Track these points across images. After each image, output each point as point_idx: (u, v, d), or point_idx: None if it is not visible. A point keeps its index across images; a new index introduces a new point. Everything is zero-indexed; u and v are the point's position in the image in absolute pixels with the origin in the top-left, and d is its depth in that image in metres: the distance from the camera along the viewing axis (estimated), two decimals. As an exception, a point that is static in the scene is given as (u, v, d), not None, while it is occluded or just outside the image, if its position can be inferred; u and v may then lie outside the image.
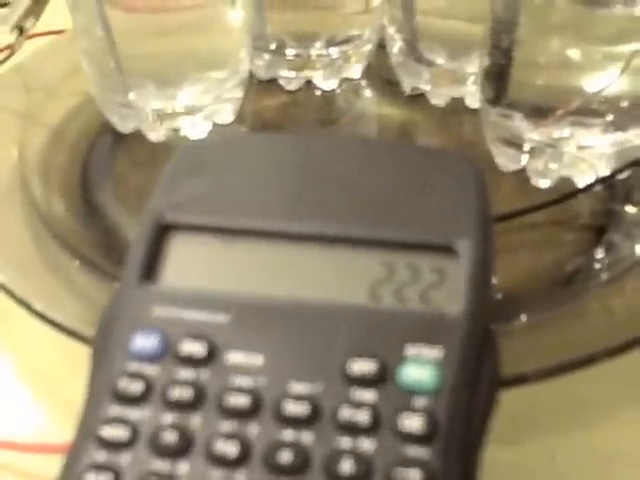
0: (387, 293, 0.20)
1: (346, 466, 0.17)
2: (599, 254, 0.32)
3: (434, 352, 0.18)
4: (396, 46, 0.40)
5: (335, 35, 0.40)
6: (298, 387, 0.18)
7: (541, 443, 0.26)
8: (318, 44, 0.41)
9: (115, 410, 0.18)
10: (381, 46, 0.41)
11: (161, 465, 0.18)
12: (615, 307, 0.29)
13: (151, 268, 0.20)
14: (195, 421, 0.18)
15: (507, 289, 0.30)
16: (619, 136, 0.34)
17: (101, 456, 0.18)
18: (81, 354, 0.21)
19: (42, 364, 0.29)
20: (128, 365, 0.19)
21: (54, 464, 0.18)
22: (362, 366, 0.18)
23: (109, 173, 0.36)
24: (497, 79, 0.34)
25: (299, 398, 0.18)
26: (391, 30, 0.39)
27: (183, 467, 0.18)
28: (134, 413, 0.18)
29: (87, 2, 0.34)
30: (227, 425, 0.18)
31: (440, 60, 0.39)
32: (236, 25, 0.37)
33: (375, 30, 0.41)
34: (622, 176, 0.34)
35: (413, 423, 0.18)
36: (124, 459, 0.18)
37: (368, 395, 0.18)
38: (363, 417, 0.18)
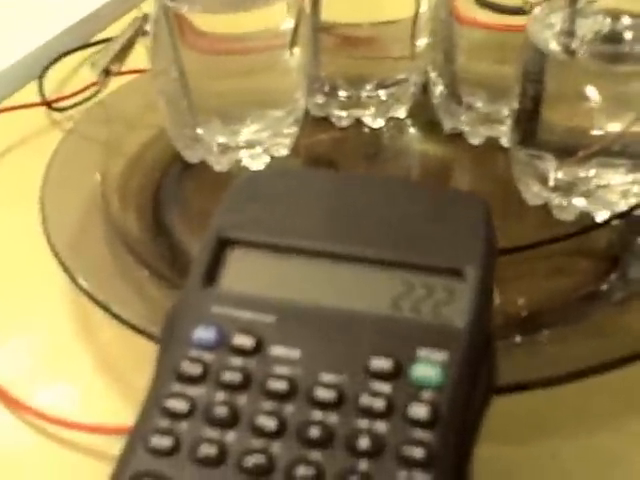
0: (405, 306, 0.24)
1: (364, 443, 0.21)
2: (613, 280, 0.35)
3: (441, 355, 0.22)
4: (438, 89, 0.44)
5: (384, 78, 0.45)
6: (328, 377, 0.22)
7: (546, 444, 0.29)
8: (368, 86, 0.45)
9: (177, 387, 0.23)
10: (425, 88, 0.45)
11: (213, 434, 0.22)
12: (624, 325, 0.32)
13: (212, 274, 0.25)
14: (242, 400, 0.22)
15: (530, 307, 0.34)
16: (639, 175, 0.37)
17: (164, 423, 0.22)
18: (146, 350, 0.25)
19: (115, 358, 0.34)
20: (189, 352, 0.23)
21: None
22: (381, 363, 0.22)
23: (177, 197, 0.41)
24: (525, 123, 0.38)
25: (328, 386, 0.22)
26: (433, 75, 0.44)
27: (230, 436, 0.22)
28: (193, 390, 0.23)
29: (165, 48, 0.39)
30: (268, 405, 0.22)
31: (478, 103, 0.43)
32: (294, 68, 0.41)
33: (420, 74, 0.45)
34: (638, 212, 0.37)
35: (420, 411, 0.21)
36: (183, 427, 0.22)
37: (384, 387, 0.22)
38: (379, 404, 0.22)
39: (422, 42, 0.44)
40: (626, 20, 0.36)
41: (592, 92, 0.36)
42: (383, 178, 0.29)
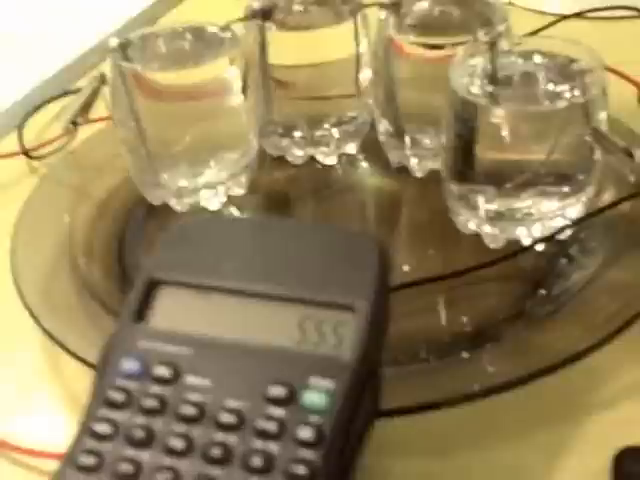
0: (302, 338, 0.27)
1: (256, 461, 0.24)
2: (537, 299, 0.38)
3: (328, 384, 0.25)
4: (382, 127, 0.46)
5: (337, 117, 0.48)
6: (231, 403, 0.25)
7: (459, 457, 0.32)
8: (325, 125, 0.48)
9: (104, 412, 0.26)
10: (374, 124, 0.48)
11: (131, 453, 0.25)
12: (539, 342, 0.35)
13: (141, 311, 0.28)
14: (158, 423, 0.26)
15: (468, 326, 0.37)
16: (566, 202, 0.40)
17: (91, 444, 0.25)
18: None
19: (79, 395, 0.36)
20: (116, 380, 0.27)
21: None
22: (277, 390, 0.25)
23: (141, 239, 0.44)
24: (456, 159, 0.40)
25: (231, 411, 0.25)
26: (377, 113, 0.46)
27: (146, 455, 0.25)
28: (117, 415, 0.26)
29: (121, 100, 0.43)
30: (179, 427, 0.25)
31: (421, 137, 0.45)
32: (245, 112, 0.44)
33: (368, 111, 0.48)
34: (561, 236, 0.40)
35: (306, 433, 0.24)
36: (106, 447, 0.25)
37: (278, 411, 0.25)
38: (272, 427, 0.25)
39: (366, 78, 0.46)
40: (537, 59, 0.39)
41: (514, 129, 0.38)
42: (295, 223, 0.32)
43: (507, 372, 0.33)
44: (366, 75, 0.47)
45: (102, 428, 0.26)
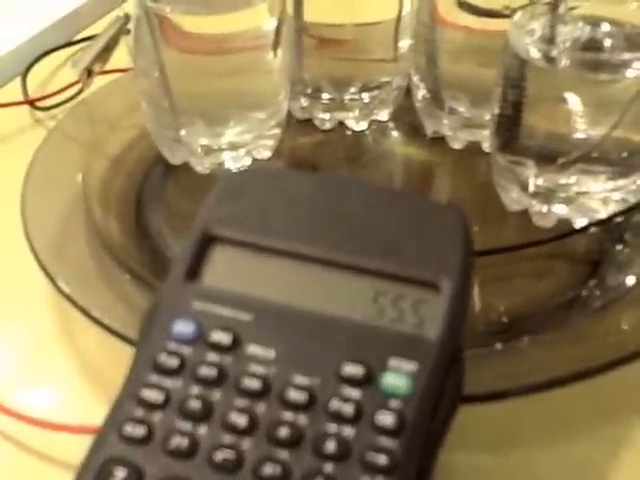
0: (380, 314, 0.24)
1: (330, 446, 0.22)
2: (592, 286, 0.35)
3: (410, 366, 0.23)
4: (420, 93, 0.44)
5: (367, 81, 0.45)
6: (300, 379, 0.23)
7: (520, 452, 0.29)
8: (352, 89, 0.45)
9: (154, 378, 0.23)
10: (408, 91, 0.45)
11: (185, 426, 0.22)
12: (601, 332, 0.33)
13: (194, 269, 0.25)
14: (216, 395, 0.23)
15: (510, 314, 0.34)
16: (619, 183, 0.38)
17: (139, 412, 0.22)
18: (127, 354, 0.25)
19: (95, 362, 0.34)
20: (168, 344, 0.24)
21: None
22: (353, 369, 0.23)
23: (160, 199, 0.41)
24: (506, 128, 0.38)
25: (299, 388, 0.22)
26: (416, 78, 0.44)
27: (202, 430, 0.22)
28: (168, 382, 0.23)
29: (147, 47, 0.39)
30: (240, 402, 0.22)
31: (460, 108, 0.43)
32: (276, 70, 0.41)
33: (402, 77, 0.45)
34: (617, 219, 0.37)
35: (387, 419, 0.22)
36: (156, 417, 0.22)
37: (354, 393, 0.22)
38: (348, 409, 0.22)
39: (405, 44, 0.44)
40: (605, 27, 0.36)
41: (572, 99, 0.36)
42: (369, 183, 0.29)
43: (573, 363, 0.30)
44: (405, 40, 0.44)
45: (152, 395, 0.23)
